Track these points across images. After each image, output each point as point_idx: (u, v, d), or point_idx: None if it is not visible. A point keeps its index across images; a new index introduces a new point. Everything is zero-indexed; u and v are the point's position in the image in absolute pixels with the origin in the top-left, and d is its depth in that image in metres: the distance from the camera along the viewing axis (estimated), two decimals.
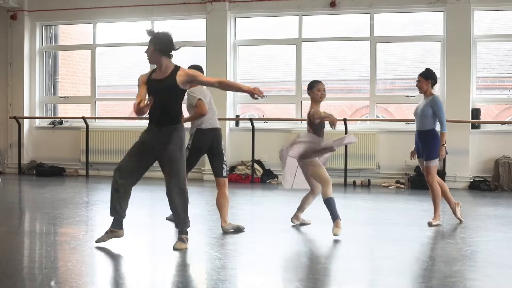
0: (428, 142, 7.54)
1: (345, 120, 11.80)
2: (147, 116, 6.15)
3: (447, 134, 7.55)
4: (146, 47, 6.00)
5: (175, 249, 5.98)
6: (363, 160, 11.81)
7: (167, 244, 6.38)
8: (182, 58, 6.81)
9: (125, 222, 6.03)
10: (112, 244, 6.45)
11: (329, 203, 6.71)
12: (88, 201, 9.73)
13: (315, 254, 5.96)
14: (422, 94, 7.65)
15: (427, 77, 7.59)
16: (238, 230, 6.99)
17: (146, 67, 13.40)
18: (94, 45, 13.69)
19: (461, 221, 7.67)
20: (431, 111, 7.50)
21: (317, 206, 7.86)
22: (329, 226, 6.70)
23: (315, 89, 7.02)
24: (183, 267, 5.60)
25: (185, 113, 6.53)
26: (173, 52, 6.01)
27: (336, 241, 6.43)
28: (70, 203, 9.23)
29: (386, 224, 7.55)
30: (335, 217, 6.70)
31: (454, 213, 7.73)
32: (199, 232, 6.97)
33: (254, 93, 5.85)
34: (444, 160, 11.32)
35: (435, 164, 7.58)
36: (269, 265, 5.59)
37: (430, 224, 7.37)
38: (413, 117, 7.85)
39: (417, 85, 7.67)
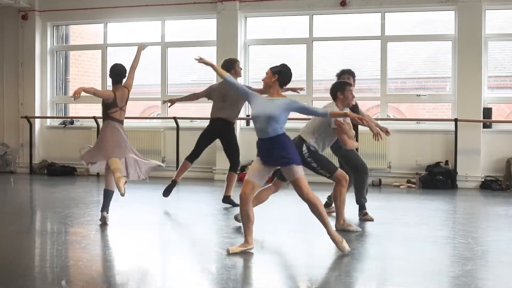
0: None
1: None
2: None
3: (459, 133, 7.31)
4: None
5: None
6: (374, 160, 11.75)
7: (177, 243, 6.39)
8: (192, 58, 6.81)
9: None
10: (122, 243, 6.46)
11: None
12: (99, 201, 9.70)
13: (325, 253, 5.94)
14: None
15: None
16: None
17: (156, 67, 13.45)
18: (105, 45, 13.70)
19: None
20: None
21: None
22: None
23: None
24: (193, 266, 5.60)
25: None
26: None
27: (346, 241, 6.41)
28: (81, 202, 9.26)
29: (397, 223, 7.52)
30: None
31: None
32: (209, 231, 6.97)
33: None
34: (455, 159, 11.30)
35: None
36: (280, 264, 5.58)
37: None
38: (424, 116, 7.74)
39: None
